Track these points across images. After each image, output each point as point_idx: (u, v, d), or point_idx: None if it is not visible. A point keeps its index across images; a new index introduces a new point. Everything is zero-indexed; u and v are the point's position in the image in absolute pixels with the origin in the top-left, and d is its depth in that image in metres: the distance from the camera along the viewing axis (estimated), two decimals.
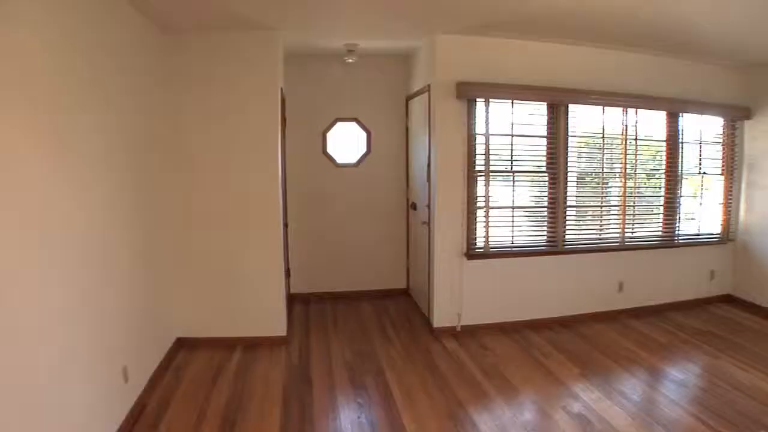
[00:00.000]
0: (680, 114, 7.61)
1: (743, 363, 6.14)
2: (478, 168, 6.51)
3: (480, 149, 6.51)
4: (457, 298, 6.64)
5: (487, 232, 6.60)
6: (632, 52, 7.09)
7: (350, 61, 7.31)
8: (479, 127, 6.48)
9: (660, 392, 5.43)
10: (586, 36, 6.42)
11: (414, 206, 7.56)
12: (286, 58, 7.03)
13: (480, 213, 6.58)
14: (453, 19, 5.64)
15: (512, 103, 6.55)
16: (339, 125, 7.85)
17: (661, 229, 7.76)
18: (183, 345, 6.12)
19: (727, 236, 8.25)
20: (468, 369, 5.69)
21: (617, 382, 5.54)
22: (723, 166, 8.15)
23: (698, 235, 8.12)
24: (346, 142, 7.92)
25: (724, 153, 8.14)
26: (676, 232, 7.86)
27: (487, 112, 6.46)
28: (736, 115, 8.03)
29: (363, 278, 8.11)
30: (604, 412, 4.89)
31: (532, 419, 4.75)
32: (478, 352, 6.16)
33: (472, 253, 6.57)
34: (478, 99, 6.41)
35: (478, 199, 6.56)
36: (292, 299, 7.55)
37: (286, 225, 6.83)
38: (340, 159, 7.89)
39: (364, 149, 7.92)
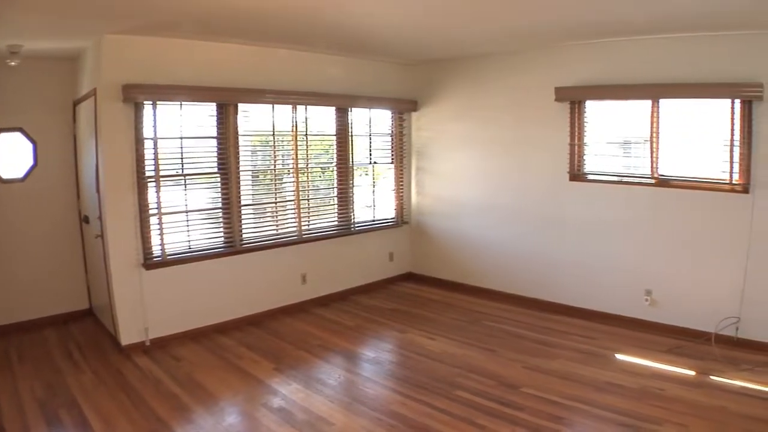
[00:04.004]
0: (350, 108, 8.19)
1: (430, 332, 6.83)
2: (148, 173, 6.35)
3: (150, 154, 6.34)
4: (141, 311, 6.41)
5: (162, 239, 6.49)
6: (303, 51, 7.47)
7: (13, 63, 6.66)
8: (148, 131, 6.32)
9: (356, 373, 5.83)
10: (258, 36, 6.60)
11: (86, 219, 7.22)
12: None
13: (154, 220, 6.44)
14: (120, 18, 5.38)
15: (181, 104, 6.50)
16: (1, 136, 7.11)
17: (337, 219, 8.30)
18: None
19: (402, 219, 9.16)
20: (163, 383, 5.53)
21: (313, 371, 5.81)
22: (393, 155, 8.94)
23: (374, 221, 8.87)
24: (11, 155, 7.21)
25: (393, 143, 8.95)
26: (353, 221, 8.48)
27: (154, 115, 6.32)
28: (404, 108, 8.91)
29: (42, 304, 7.43)
30: (304, 401, 5.10)
31: (235, 422, 4.81)
32: (171, 363, 6.03)
33: (149, 262, 6.41)
34: (145, 102, 6.24)
35: (151, 206, 6.41)
36: None
37: None
38: (5, 174, 7.16)
39: (31, 162, 7.25)
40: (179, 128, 6.54)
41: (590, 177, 7.16)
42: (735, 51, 5.95)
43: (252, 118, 7.22)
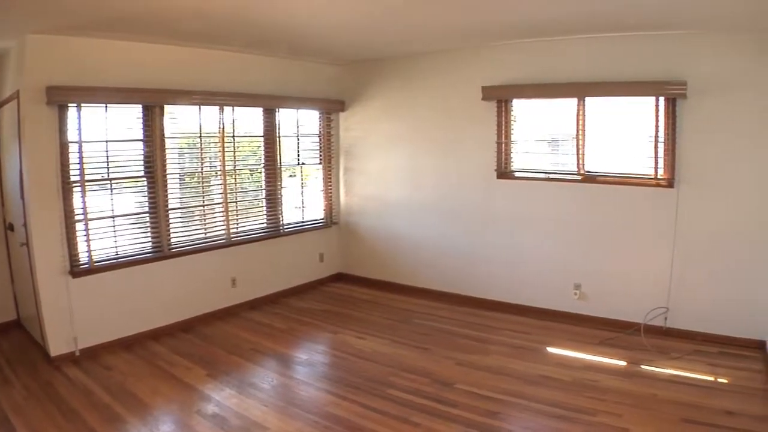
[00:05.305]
0: (277, 109, 8.21)
1: (361, 332, 6.91)
2: (74, 178, 6.20)
3: (75, 158, 6.19)
4: (70, 320, 6.23)
5: (89, 245, 6.35)
6: (230, 52, 7.44)
7: None
8: (73, 134, 6.17)
9: (289, 376, 5.84)
10: (183, 36, 6.52)
11: (11, 227, 7.04)
12: None
13: (81, 226, 6.29)
14: (43, 16, 5.18)
15: (106, 107, 6.36)
16: None
17: (266, 221, 8.33)
18: None
19: (331, 220, 9.28)
20: (95, 394, 5.38)
21: (246, 376, 5.81)
22: (321, 155, 9.07)
23: (304, 222, 8.93)
24: None
25: (321, 143, 9.07)
26: (282, 222, 8.51)
27: (79, 117, 6.17)
28: (332, 108, 9.02)
29: None
30: (238, 406, 5.09)
31: (169, 430, 4.75)
32: (102, 373, 5.87)
33: (77, 270, 6.26)
34: (70, 104, 6.08)
35: (77, 212, 6.25)
36: None
37: None
38: None
39: None
40: (105, 131, 6.40)
41: (518, 174, 7.43)
42: (660, 50, 6.29)
43: (179, 119, 7.15)
